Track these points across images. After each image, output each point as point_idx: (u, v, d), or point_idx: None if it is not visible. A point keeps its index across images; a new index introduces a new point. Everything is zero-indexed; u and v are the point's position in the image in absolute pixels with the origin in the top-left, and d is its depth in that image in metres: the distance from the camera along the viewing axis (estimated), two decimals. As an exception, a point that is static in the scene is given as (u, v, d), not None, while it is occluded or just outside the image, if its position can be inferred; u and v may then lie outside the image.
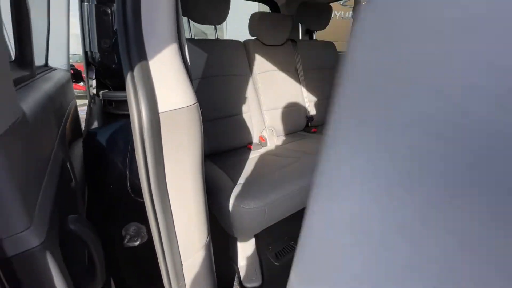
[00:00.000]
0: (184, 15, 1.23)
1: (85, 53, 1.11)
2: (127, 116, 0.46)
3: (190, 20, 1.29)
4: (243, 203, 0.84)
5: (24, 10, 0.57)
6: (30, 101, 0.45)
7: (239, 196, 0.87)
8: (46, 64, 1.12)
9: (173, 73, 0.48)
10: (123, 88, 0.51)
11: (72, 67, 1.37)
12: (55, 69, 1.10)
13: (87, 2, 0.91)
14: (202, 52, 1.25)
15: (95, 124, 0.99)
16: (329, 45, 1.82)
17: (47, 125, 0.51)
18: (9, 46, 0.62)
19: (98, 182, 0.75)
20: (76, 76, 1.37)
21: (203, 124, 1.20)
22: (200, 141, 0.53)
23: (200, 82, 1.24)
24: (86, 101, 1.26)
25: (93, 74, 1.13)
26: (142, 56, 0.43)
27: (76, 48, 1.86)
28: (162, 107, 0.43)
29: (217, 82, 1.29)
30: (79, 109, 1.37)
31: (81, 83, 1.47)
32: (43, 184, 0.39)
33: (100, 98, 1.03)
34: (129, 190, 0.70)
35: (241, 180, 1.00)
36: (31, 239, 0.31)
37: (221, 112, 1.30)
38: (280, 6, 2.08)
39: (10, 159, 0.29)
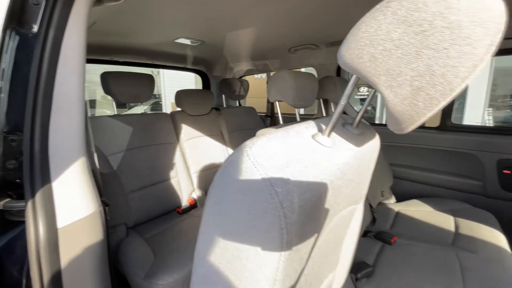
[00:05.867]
0: (107, 94, 1.34)
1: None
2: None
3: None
4: (161, 279, 0.87)
5: None
6: None
7: (156, 271, 0.90)
8: None
9: (77, 185, 0.56)
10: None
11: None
12: None
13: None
14: (126, 126, 1.34)
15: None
16: (250, 110, 2.15)
17: None
18: None
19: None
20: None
21: (127, 196, 1.22)
22: (104, 245, 0.60)
23: (124, 154, 1.30)
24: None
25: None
26: (45, 176, 0.52)
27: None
28: (61, 221, 0.50)
29: (143, 152, 1.37)
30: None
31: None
32: None
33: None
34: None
35: (163, 252, 1.04)
36: None
37: (147, 181, 1.35)
38: (210, 78, 2.41)
39: None
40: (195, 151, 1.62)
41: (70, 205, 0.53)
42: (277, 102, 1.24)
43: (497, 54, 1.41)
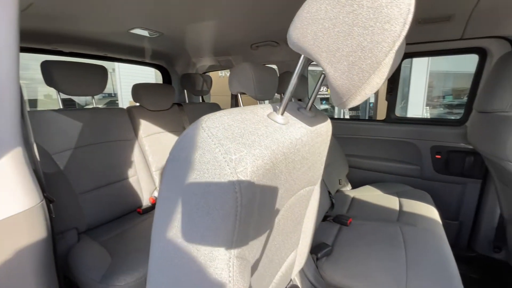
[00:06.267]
0: (50, 86, 1.20)
1: None
2: None
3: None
4: (120, 280, 0.82)
5: None
6: None
7: (115, 272, 0.84)
8: None
9: (10, 176, 0.50)
10: None
11: None
12: None
13: None
14: (75, 122, 1.22)
15: None
16: (214, 106, 2.13)
17: None
18: None
19: None
20: None
21: (77, 198, 1.11)
22: (48, 244, 0.54)
23: (73, 152, 1.18)
24: None
25: None
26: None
27: None
28: (-8, 217, 0.44)
29: (95, 150, 1.26)
30: None
31: None
32: None
33: None
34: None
35: (122, 253, 0.97)
36: None
37: (101, 181, 1.24)
38: (171, 74, 2.31)
39: None
40: (157, 148, 1.54)
41: (1, 198, 0.46)
42: (240, 97, 1.26)
43: (431, 54, 1.62)
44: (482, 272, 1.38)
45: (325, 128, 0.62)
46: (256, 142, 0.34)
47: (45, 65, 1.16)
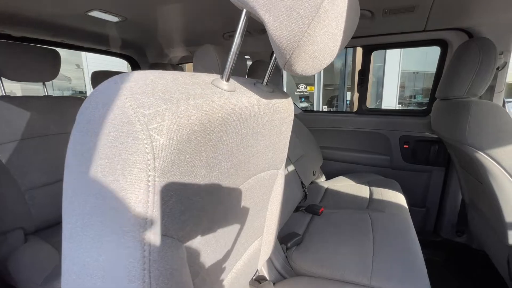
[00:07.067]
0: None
1: None
2: None
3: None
4: (66, 281, 0.73)
5: None
6: None
7: (60, 272, 0.75)
8: None
9: None
10: None
11: None
12: None
13: None
14: (21, 110, 1.09)
15: None
16: (187, 99, 2.04)
17: None
18: None
19: None
20: None
21: (24, 195, 0.99)
22: None
23: (18, 144, 1.05)
24: None
25: None
26: None
27: None
28: None
29: (47, 142, 1.14)
30: None
31: None
32: None
33: None
34: None
35: None
36: None
37: (54, 176, 1.13)
38: (141, 66, 2.19)
39: None
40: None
41: None
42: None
43: (397, 46, 1.67)
44: (446, 255, 1.45)
45: (285, 105, 0.59)
46: (182, 100, 0.29)
47: (-19, 45, 1.02)
